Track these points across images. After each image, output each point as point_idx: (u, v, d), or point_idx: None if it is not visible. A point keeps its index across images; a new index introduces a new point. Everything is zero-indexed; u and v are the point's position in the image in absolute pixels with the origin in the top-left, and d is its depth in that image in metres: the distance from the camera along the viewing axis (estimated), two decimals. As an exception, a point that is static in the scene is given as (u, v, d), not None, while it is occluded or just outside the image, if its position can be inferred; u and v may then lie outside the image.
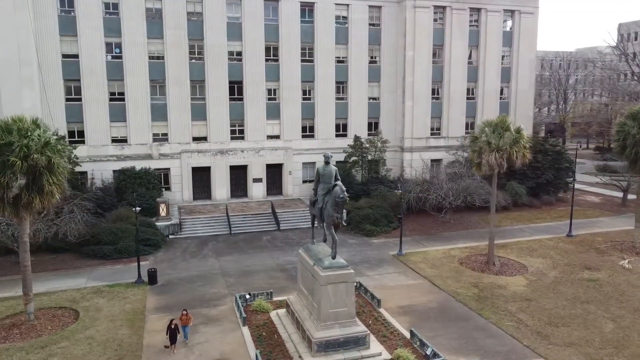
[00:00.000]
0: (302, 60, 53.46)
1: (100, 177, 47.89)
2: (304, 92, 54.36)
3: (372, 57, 55.93)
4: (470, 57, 57.77)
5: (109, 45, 48.02)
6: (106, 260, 37.21)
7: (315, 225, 26.30)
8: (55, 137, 27.11)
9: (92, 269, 35.60)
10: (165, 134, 50.58)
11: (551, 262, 36.05)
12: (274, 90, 53.37)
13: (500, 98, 59.46)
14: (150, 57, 49.09)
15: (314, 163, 54.19)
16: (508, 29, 58.91)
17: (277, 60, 52.73)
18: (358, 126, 55.35)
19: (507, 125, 33.12)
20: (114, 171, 48.07)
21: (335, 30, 53.81)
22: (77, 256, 37.86)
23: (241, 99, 52.21)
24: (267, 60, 52.43)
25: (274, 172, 54.17)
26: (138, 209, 33.98)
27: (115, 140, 49.23)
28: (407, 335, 24.65)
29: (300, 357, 22.59)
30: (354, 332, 23.00)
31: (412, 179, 50.53)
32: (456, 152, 54.82)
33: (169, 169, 50.86)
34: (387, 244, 40.92)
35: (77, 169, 46.37)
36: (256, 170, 53.10)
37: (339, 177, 24.95)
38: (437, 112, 57.11)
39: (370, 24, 54.97)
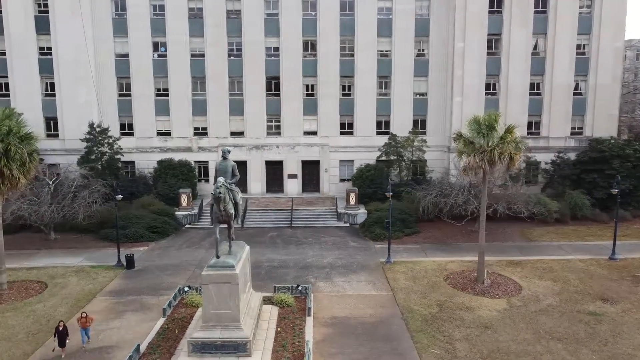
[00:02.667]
0: (342, 55, 51.83)
1: (146, 167, 51.74)
2: (343, 88, 52.70)
3: (419, 50, 52.14)
4: (535, 47, 50.75)
5: (155, 45, 51.56)
6: (114, 244, 40.08)
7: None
8: (26, 128, 29.60)
9: (96, 250, 38.68)
10: (205, 128, 52.84)
11: (559, 287, 30.27)
12: (312, 85, 52.57)
13: (575, 94, 51.27)
14: (192, 55, 51.62)
15: (352, 161, 52.57)
16: (586, 12, 50.43)
17: (314, 55, 51.85)
18: (401, 124, 51.95)
19: (492, 123, 28.46)
20: (157, 162, 51.46)
21: (377, 22, 51.18)
22: (95, 238, 41.43)
23: (278, 95, 52.40)
24: (304, 55, 51.86)
25: (310, 169, 53.43)
26: (119, 197, 35.82)
27: (159, 133, 52.80)
28: (305, 349, 22.63)
29: (177, 356, 22.07)
30: (235, 337, 21.75)
31: (459, 182, 46.11)
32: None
33: (207, 162, 53.07)
34: (393, 250, 37.76)
35: (126, 158, 51.03)
36: (291, 166, 52.92)
37: (236, 173, 23.92)
38: (492, 109, 51.09)
39: (417, 14, 51.22)
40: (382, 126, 52.92)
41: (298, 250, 38.09)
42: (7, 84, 50.30)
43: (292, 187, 53.34)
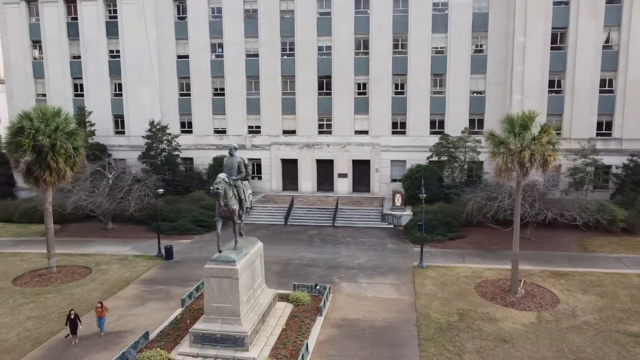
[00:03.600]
0: (394, 52, 50.73)
1: (203, 163, 53.98)
2: (396, 86, 51.53)
3: (476, 46, 49.71)
4: (607, 40, 46.42)
5: (213, 46, 53.58)
6: (163, 235, 42.22)
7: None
8: (72, 124, 31.98)
9: (144, 240, 40.95)
10: (258, 127, 54.07)
11: (604, 304, 27.48)
12: (363, 84, 51.97)
13: (655, 90, 46.27)
14: (247, 55, 53.02)
15: (404, 161, 51.35)
16: (669, 0, 45.25)
17: (367, 53, 51.19)
18: (457, 123, 49.79)
19: (527, 122, 26.39)
20: (213, 159, 53.44)
21: (432, 18, 49.47)
22: (147, 229, 43.87)
23: (329, 93, 52.37)
24: (356, 53, 51.40)
25: (361, 169, 52.86)
26: (161, 190, 37.54)
27: (216, 131, 54.80)
28: (302, 348, 22.40)
29: (181, 345, 22.79)
30: (234, 331, 22.09)
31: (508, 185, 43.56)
32: (576, 157, 44.85)
33: (260, 159, 54.30)
34: (430, 254, 36.54)
35: (185, 155, 53.63)
36: (341, 165, 52.70)
37: (242, 170, 24.17)
38: (557, 108, 47.60)
39: (474, 8, 48.83)
40: (436, 125, 51.08)
41: (332, 250, 37.84)
42: (81, 85, 54.74)
43: (342, 186, 53.08)
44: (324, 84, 52.40)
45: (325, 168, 53.46)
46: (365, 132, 52.45)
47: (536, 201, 37.93)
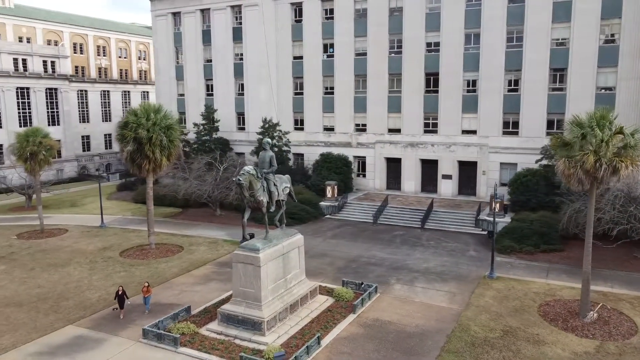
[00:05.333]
0: (508, 46, 46.96)
1: (312, 159, 56.33)
2: (508, 83, 47.66)
3: (606, 36, 43.47)
4: None
5: (324, 46, 55.52)
6: (256, 224, 45.29)
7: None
8: (170, 120, 36.27)
9: (241, 227, 44.37)
10: (364, 125, 54.53)
11: (698, 344, 22.55)
12: (472, 81, 49.05)
13: None
14: (356, 54, 53.81)
15: (514, 164, 47.56)
16: None
17: (477, 48, 48.22)
18: (579, 123, 44.17)
19: (600, 123, 22.76)
20: (320, 155, 55.45)
21: (552, 5, 44.63)
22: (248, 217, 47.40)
23: (436, 91, 50.56)
24: (466, 49, 48.77)
25: (467, 171, 50.07)
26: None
27: (325, 129, 56.68)
28: (320, 346, 22.67)
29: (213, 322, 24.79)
30: (254, 315, 23.38)
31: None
32: None
33: (364, 157, 54.75)
34: (512, 265, 33.62)
35: (296, 151, 56.81)
36: (446, 166, 50.56)
37: (273, 164, 25.15)
38: None
39: (605, -8, 42.81)
40: (554, 126, 45.98)
41: (406, 252, 36.84)
42: (211, 85, 61.11)
43: (446, 188, 50.84)
44: (431, 82, 50.72)
45: (429, 168, 51.76)
46: (473, 132, 49.46)
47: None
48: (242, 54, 58.62)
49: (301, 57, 56.61)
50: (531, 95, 46.24)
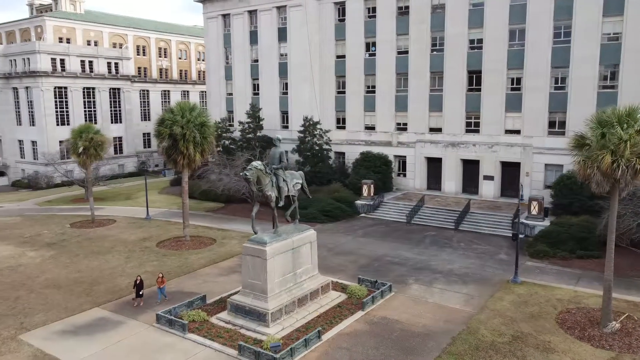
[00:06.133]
0: (555, 42, 44.83)
1: (353, 158, 56.45)
2: (555, 80, 45.50)
3: (664, 28, 40.50)
4: None
5: (367, 45, 55.43)
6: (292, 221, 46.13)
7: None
8: (203, 118, 37.76)
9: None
10: (405, 124, 53.94)
11: None
12: (517, 79, 47.26)
13: None
14: (398, 53, 53.35)
15: (560, 166, 45.36)
16: None
17: (522, 44, 46.38)
18: (631, 123, 41.47)
19: (621, 120, 21.44)
20: (360, 154, 55.46)
21: (603, -1, 42.18)
22: (283, 213, 48.31)
23: (478, 90, 49.15)
24: (510, 45, 47.04)
25: (510, 172, 48.28)
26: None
27: (366, 128, 56.62)
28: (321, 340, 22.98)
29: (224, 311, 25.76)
30: (259, 307, 24.07)
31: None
32: None
33: (405, 156, 54.17)
34: (541, 270, 32.28)
35: (338, 149, 57.32)
36: (487, 166, 49.04)
37: (283, 160, 25.65)
38: None
39: (662, -18, 39.86)
40: (604, 126, 43.27)
41: (433, 252, 36.22)
42: (258, 85, 62.71)
43: (488, 189, 49.29)
44: (473, 80, 49.36)
45: (470, 169, 50.40)
46: (517, 132, 47.62)
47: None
48: (286, 54, 59.70)
49: (343, 56, 56.85)
50: (579, 94, 43.89)
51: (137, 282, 27.23)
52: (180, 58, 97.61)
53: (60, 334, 24.01)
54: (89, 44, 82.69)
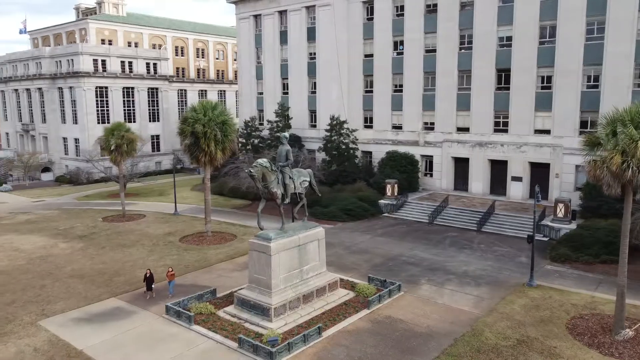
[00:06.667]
0: (587, 39, 43.20)
1: (380, 157, 56.24)
2: (587, 78, 43.84)
3: None
4: None
5: (394, 44, 55.02)
6: (313, 219, 46.33)
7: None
8: (225, 116, 38.57)
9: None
10: (432, 123, 53.25)
11: None
12: (547, 77, 45.81)
13: None
14: (425, 51, 52.73)
15: (592, 167, 43.54)
16: None
17: (552, 41, 44.94)
18: (668, 123, 39.52)
19: (635, 118, 20.58)
20: (386, 153, 55.15)
21: (640, -8, 40.31)
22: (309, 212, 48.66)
23: (507, 89, 47.96)
24: (540, 43, 45.68)
25: (539, 173, 46.89)
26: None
27: (393, 127, 56.24)
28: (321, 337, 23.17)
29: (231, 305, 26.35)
30: (263, 301, 24.50)
31: None
32: None
33: (432, 156, 53.48)
34: (561, 274, 31.32)
35: (365, 148, 57.31)
36: (515, 167, 47.81)
37: (290, 158, 25.89)
38: None
39: (703, -25, 37.74)
40: None
41: (451, 254, 35.68)
42: (287, 84, 63.36)
43: (516, 190, 48.05)
44: (502, 78, 48.20)
45: (498, 169, 49.25)
46: (546, 132, 46.18)
47: None
48: (315, 53, 60.05)
49: (371, 55, 56.64)
50: (612, 92, 42.06)
51: (147, 275, 28.13)
52: (217, 58, 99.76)
53: (76, 322, 25.21)
54: (129, 45, 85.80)
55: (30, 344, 22.80)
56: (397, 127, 55.90)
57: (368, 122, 58.21)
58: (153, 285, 28.22)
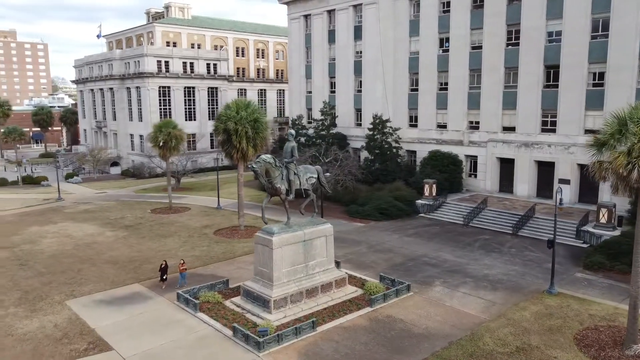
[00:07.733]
0: (644, 32, 40.09)
1: (422, 156, 55.33)
2: (643, 75, 40.65)
3: None
4: None
5: (440, 41, 53.87)
6: (347, 217, 46.71)
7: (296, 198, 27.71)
8: (257, 114, 39.69)
9: (332, 218, 45.56)
10: (477, 122, 51.58)
11: None
12: (599, 73, 42.98)
13: None
14: (471, 48, 51.18)
15: (647, 170, 40.44)
16: None
17: (605, 35, 42.09)
18: None
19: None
20: (429, 152, 54.07)
21: (703, -20, 36.79)
22: (344, 210, 49.00)
23: (555, 86, 45.53)
24: (592, 37, 42.92)
25: (589, 176, 43.93)
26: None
27: (438, 126, 55.05)
28: (315, 331, 23.53)
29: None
30: (265, 294, 25.24)
31: None
32: None
33: (476, 156, 51.82)
34: (589, 282, 29.56)
35: (409, 147, 56.78)
36: (563, 169, 45.30)
37: (295, 154, 26.31)
38: None
39: None
40: (701, 126, 37.78)
41: (476, 257, 34.56)
42: (334, 82, 63.81)
43: (564, 193, 45.19)
44: (551, 75, 45.77)
45: (545, 171, 46.83)
46: (597, 132, 43.13)
47: None
48: (361, 52, 60.02)
49: (417, 53, 55.77)
50: (671, 89, 38.80)
51: (162, 266, 29.65)
52: (277, 58, 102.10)
53: (97, 303, 27.28)
54: (192, 47, 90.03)
55: (52, 321, 25.01)
56: (442, 126, 54.66)
57: (413, 121, 57.38)
58: (165, 277, 29.53)
